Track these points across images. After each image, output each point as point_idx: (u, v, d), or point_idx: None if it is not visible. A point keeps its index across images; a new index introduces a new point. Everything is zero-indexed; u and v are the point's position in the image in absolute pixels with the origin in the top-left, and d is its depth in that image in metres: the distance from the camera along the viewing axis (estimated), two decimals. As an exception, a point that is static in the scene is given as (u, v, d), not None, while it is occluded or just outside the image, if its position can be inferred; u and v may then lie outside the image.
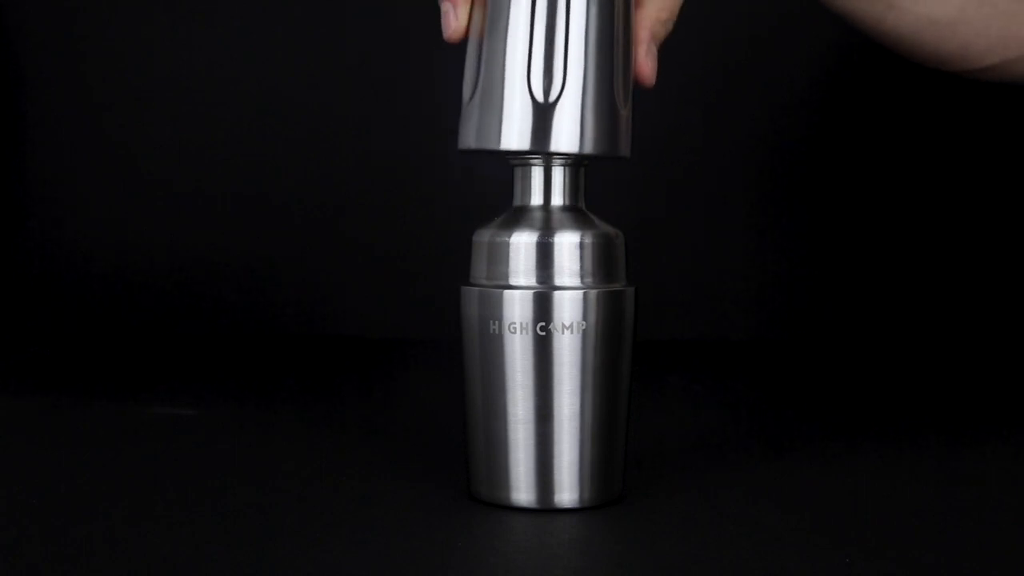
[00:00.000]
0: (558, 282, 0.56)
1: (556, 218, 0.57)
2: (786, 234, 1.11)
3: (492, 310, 0.56)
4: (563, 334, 0.55)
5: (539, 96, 0.55)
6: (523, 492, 0.56)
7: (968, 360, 1.02)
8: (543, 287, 0.56)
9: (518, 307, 0.56)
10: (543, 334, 0.55)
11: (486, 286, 0.57)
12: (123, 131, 1.12)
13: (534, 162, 0.57)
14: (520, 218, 0.57)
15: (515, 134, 0.55)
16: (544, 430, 0.56)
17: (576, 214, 0.57)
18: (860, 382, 0.94)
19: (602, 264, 0.57)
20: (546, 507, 0.56)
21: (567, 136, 0.55)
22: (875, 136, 1.10)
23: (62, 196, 1.13)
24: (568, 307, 0.56)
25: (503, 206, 0.58)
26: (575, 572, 0.50)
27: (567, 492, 0.56)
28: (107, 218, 1.13)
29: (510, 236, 0.56)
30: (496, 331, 0.56)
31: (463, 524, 0.55)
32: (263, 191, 1.12)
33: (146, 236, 1.12)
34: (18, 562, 0.50)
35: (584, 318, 0.56)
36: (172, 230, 1.12)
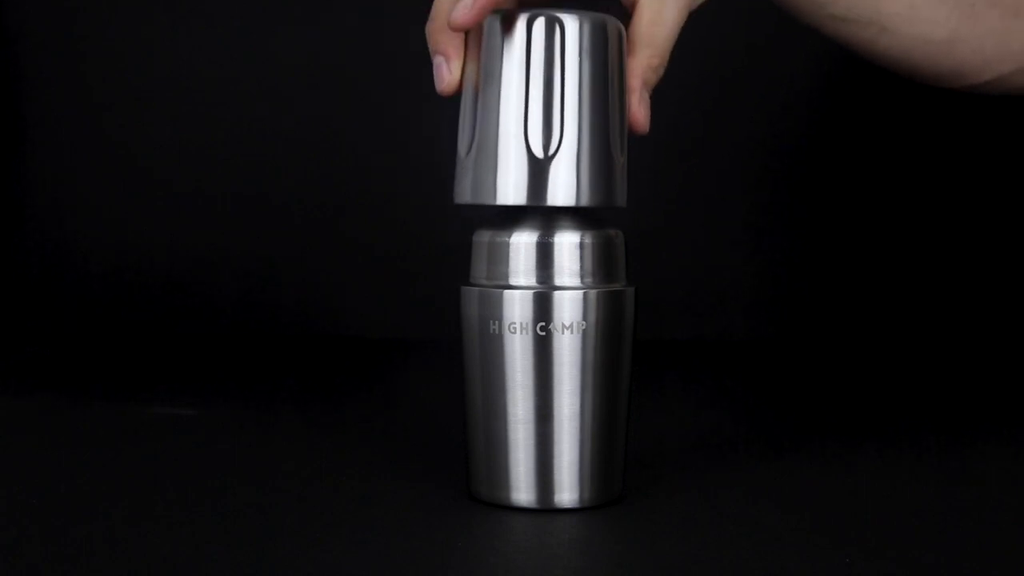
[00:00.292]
0: (558, 282, 0.56)
1: (556, 218, 0.57)
2: (786, 234, 1.11)
3: (492, 310, 0.56)
4: (563, 334, 0.55)
5: (537, 152, 0.55)
6: (523, 492, 0.56)
7: (968, 360, 1.02)
8: (543, 287, 0.56)
9: (518, 307, 0.56)
10: (543, 334, 0.55)
11: (486, 286, 0.57)
12: (123, 131, 1.12)
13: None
14: (520, 218, 0.57)
15: (511, 189, 0.55)
16: (544, 430, 0.56)
17: (576, 214, 0.57)
18: (860, 382, 0.94)
19: (602, 264, 0.57)
20: (546, 507, 0.56)
21: (564, 190, 0.55)
22: (875, 137, 1.10)
23: (62, 196, 1.13)
24: (568, 307, 0.56)
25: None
26: (575, 572, 0.50)
27: (567, 492, 0.56)
28: (107, 218, 1.13)
29: (510, 236, 0.56)
30: (496, 331, 0.56)
31: (463, 524, 0.55)
32: (263, 191, 1.12)
33: (146, 236, 1.12)
34: (18, 562, 0.50)
35: (584, 318, 0.56)
36: (172, 230, 1.12)
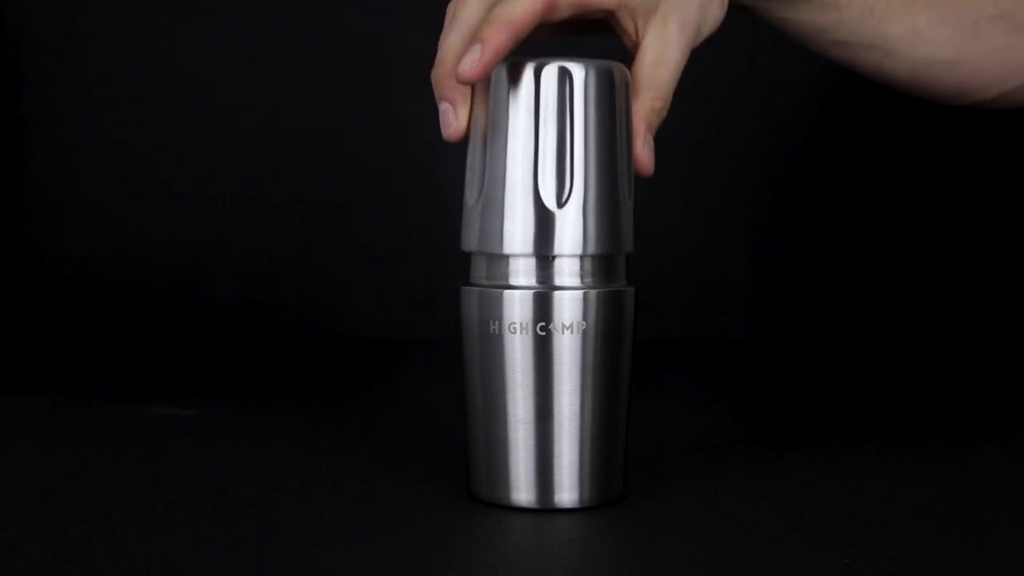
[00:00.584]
0: (558, 282, 0.56)
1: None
2: (786, 235, 1.11)
3: (492, 310, 0.56)
4: (563, 334, 0.55)
5: (548, 202, 0.55)
6: (523, 492, 0.56)
7: (968, 360, 1.02)
8: (543, 287, 0.56)
9: (518, 307, 0.56)
10: (543, 334, 0.55)
11: (486, 286, 0.57)
12: (123, 131, 1.12)
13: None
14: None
15: (518, 239, 0.55)
16: (544, 430, 0.56)
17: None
18: (860, 382, 0.94)
19: (602, 264, 0.57)
20: (546, 507, 0.56)
21: (571, 240, 0.55)
22: (875, 137, 1.10)
23: (62, 196, 1.13)
24: (568, 307, 0.56)
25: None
26: (575, 572, 0.50)
27: (567, 492, 0.56)
28: (107, 218, 1.12)
29: (510, 236, 0.56)
30: (496, 331, 0.56)
31: (463, 524, 0.55)
32: (263, 191, 1.12)
33: (146, 236, 1.12)
34: (18, 562, 0.50)
35: (584, 318, 0.56)
36: (172, 230, 1.12)
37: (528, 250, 0.55)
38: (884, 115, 1.09)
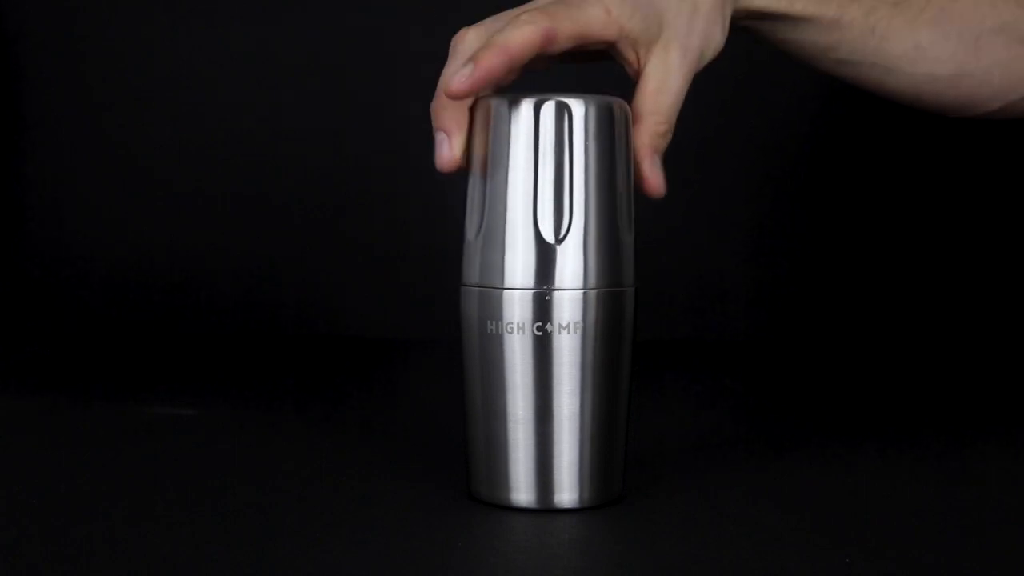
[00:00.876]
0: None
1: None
2: (786, 235, 1.11)
3: (491, 310, 0.56)
4: (563, 334, 0.55)
5: (547, 237, 0.55)
6: (523, 492, 0.56)
7: (968, 360, 1.02)
8: (543, 287, 0.56)
9: (518, 307, 0.56)
10: (542, 334, 0.55)
11: (486, 286, 0.57)
12: (123, 131, 1.12)
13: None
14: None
15: (519, 273, 0.56)
16: (544, 430, 0.56)
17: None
18: (860, 382, 0.94)
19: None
20: (546, 507, 0.56)
21: (571, 274, 0.56)
22: (875, 137, 1.10)
23: (62, 196, 1.13)
24: (568, 307, 0.56)
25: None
26: (575, 572, 0.50)
27: (567, 492, 0.56)
28: (107, 218, 1.13)
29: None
30: (495, 331, 0.56)
31: (463, 524, 0.55)
32: (263, 191, 1.12)
33: (146, 236, 1.12)
34: (18, 562, 0.50)
35: (584, 318, 0.56)
36: (172, 230, 1.12)
37: (529, 283, 0.56)
38: (884, 115, 1.09)
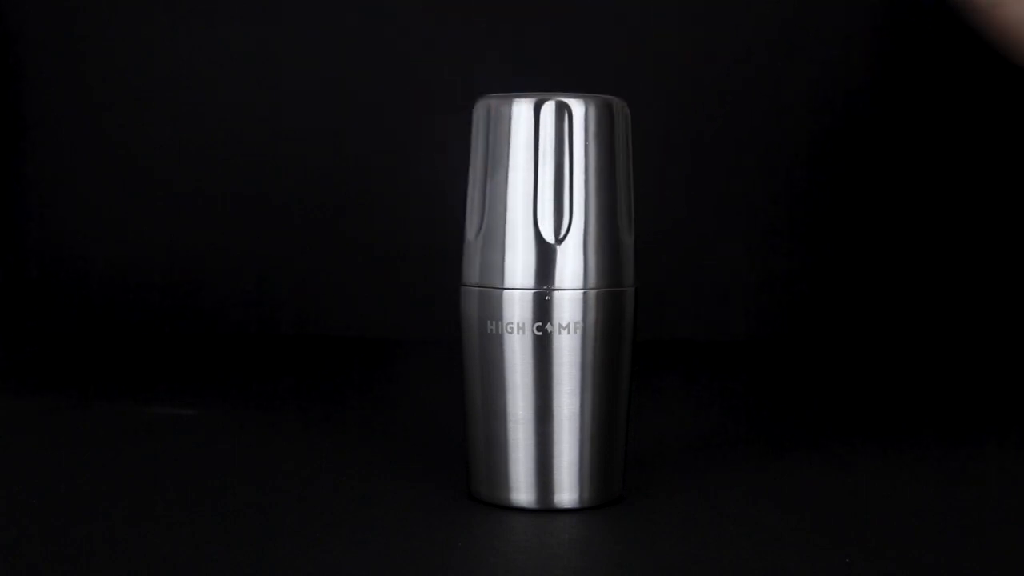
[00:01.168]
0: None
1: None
2: (786, 235, 1.11)
3: (491, 310, 0.56)
4: (563, 334, 0.56)
5: (547, 237, 0.55)
6: (523, 492, 0.56)
7: (968, 360, 1.02)
8: (543, 287, 0.56)
9: (518, 307, 0.56)
10: (542, 334, 0.55)
11: (486, 286, 0.57)
12: (123, 131, 1.12)
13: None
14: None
15: (519, 273, 0.56)
16: (544, 430, 0.56)
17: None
18: (860, 382, 0.94)
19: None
20: (546, 507, 0.56)
21: (571, 274, 0.56)
22: (875, 137, 1.10)
23: (62, 196, 1.13)
24: (568, 307, 0.56)
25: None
26: (575, 572, 0.50)
27: (567, 492, 0.56)
28: (107, 218, 1.12)
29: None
30: (495, 331, 0.56)
31: (463, 524, 0.55)
32: (263, 191, 1.12)
33: (146, 236, 1.12)
34: (18, 562, 0.50)
35: (584, 318, 0.56)
36: (172, 230, 1.12)
37: (529, 283, 0.56)
38: (885, 115, 1.09)
